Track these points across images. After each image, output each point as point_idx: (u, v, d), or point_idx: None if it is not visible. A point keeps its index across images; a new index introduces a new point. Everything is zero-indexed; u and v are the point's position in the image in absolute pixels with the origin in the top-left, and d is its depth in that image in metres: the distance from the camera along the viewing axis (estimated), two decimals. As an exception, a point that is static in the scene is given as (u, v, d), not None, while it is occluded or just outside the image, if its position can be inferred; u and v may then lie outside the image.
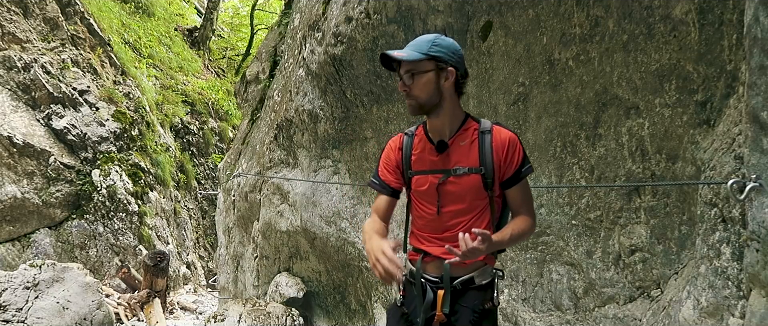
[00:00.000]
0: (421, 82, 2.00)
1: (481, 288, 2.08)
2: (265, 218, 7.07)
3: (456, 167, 2.05)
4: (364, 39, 4.39)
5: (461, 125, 2.09)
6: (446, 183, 2.07)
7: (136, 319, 9.19)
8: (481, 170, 2.02)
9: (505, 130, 2.07)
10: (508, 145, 2.03)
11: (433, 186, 2.09)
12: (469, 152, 2.04)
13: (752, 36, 1.77)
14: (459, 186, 2.06)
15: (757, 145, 1.77)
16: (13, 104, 10.81)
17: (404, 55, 2.00)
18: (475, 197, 2.06)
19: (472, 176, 2.03)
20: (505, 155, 2.03)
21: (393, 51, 2.03)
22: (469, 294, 2.08)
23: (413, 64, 2.01)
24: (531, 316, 3.30)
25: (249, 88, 9.23)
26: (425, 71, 2.00)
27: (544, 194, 3.27)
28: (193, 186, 15.39)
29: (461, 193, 2.06)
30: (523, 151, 2.08)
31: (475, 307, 2.05)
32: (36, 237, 10.65)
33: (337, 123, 5.40)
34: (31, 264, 7.32)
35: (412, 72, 2.01)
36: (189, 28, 21.31)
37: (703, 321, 2.12)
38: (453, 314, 2.06)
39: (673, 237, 2.56)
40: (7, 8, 11.00)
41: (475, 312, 2.04)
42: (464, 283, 2.08)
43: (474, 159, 2.03)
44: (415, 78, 2.01)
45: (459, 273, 2.08)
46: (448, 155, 2.07)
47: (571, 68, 2.95)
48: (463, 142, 2.06)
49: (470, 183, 2.04)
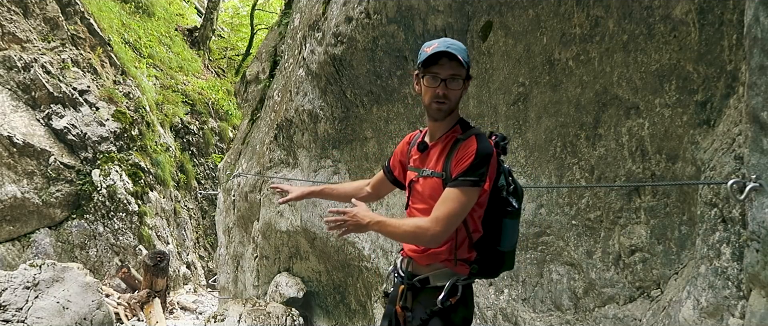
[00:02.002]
0: (457, 87, 2.04)
1: (436, 289, 2.11)
2: (265, 218, 7.07)
3: (424, 169, 2.13)
4: (364, 39, 4.39)
5: (449, 130, 2.13)
6: (417, 182, 2.17)
7: (136, 319, 9.19)
8: (442, 175, 2.05)
9: (475, 141, 2.01)
10: (466, 152, 1.99)
11: (408, 182, 2.23)
12: (440, 156, 2.09)
13: (752, 36, 1.77)
14: (424, 187, 2.13)
15: (757, 145, 1.77)
16: (13, 104, 10.82)
17: (462, 58, 1.98)
18: (436, 200, 2.05)
19: (435, 179, 2.08)
20: (456, 158, 2.01)
21: (454, 47, 1.99)
22: (426, 292, 2.15)
23: (460, 69, 2.01)
24: (531, 316, 3.30)
25: (249, 88, 9.23)
26: (463, 78, 2.04)
27: (544, 194, 3.27)
28: (193, 186, 15.39)
29: (424, 194, 2.13)
30: (473, 162, 1.96)
31: (427, 306, 2.11)
32: (36, 237, 10.65)
33: (337, 123, 5.40)
34: (31, 264, 7.32)
35: (455, 76, 2.01)
36: (189, 28, 21.31)
37: (703, 321, 2.12)
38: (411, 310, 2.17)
39: (673, 237, 2.56)
40: (7, 8, 11.01)
41: (426, 311, 2.11)
42: (421, 282, 2.16)
43: (440, 164, 2.08)
44: (454, 82, 2.02)
45: (419, 272, 2.17)
46: (427, 156, 2.16)
47: (571, 68, 2.95)
48: (440, 146, 2.12)
49: (433, 186, 2.09)
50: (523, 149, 3.38)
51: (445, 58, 1.98)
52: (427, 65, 2.01)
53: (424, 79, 2.05)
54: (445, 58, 1.98)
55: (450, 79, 2.00)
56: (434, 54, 1.98)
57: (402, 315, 2.18)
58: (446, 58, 1.98)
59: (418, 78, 2.11)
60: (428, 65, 2.01)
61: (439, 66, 1.99)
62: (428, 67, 2.01)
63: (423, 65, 2.02)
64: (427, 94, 2.05)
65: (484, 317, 3.65)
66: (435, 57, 1.98)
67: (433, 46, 2.01)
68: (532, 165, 3.32)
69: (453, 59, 1.97)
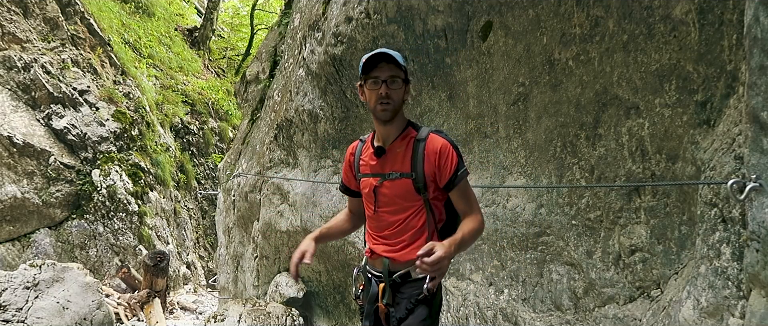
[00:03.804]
0: (398, 88, 2.16)
1: (418, 281, 2.23)
2: (265, 218, 7.07)
3: (390, 172, 2.22)
4: (364, 39, 4.39)
5: (401, 132, 2.23)
6: (382, 186, 2.25)
7: (136, 319, 9.19)
8: (412, 175, 2.18)
9: (440, 137, 2.20)
10: (439, 152, 2.17)
11: (372, 188, 2.28)
12: (404, 158, 2.20)
13: (752, 36, 1.77)
14: (392, 189, 2.23)
15: (757, 145, 1.77)
16: (13, 104, 10.82)
17: (398, 60, 2.12)
18: (407, 199, 2.22)
19: (404, 180, 2.20)
20: (436, 162, 2.17)
21: (390, 51, 2.13)
22: (407, 286, 2.26)
23: (398, 70, 2.14)
24: (531, 316, 3.30)
25: (249, 88, 9.23)
26: (402, 79, 2.16)
27: (544, 194, 3.27)
28: (193, 186, 15.40)
29: (393, 196, 2.23)
30: (456, 156, 2.18)
31: (411, 297, 2.23)
32: (36, 237, 10.65)
33: (337, 123, 5.40)
34: (31, 264, 7.32)
35: (395, 77, 2.13)
36: (189, 28, 21.32)
37: (703, 321, 2.12)
38: (394, 305, 2.27)
39: (673, 237, 2.56)
40: (7, 8, 11.01)
41: (411, 301, 2.23)
42: (402, 277, 2.26)
43: (407, 165, 2.19)
44: (394, 84, 2.14)
45: (397, 268, 2.27)
46: (386, 160, 2.24)
47: (571, 68, 2.95)
48: (399, 149, 2.22)
49: (402, 187, 2.21)
50: (523, 149, 3.38)
51: (382, 62, 2.12)
52: (366, 72, 2.15)
53: (366, 85, 2.17)
54: (383, 62, 2.12)
55: (390, 80, 2.12)
56: (370, 58, 2.12)
57: (384, 311, 2.29)
58: (384, 62, 2.12)
59: (361, 88, 2.22)
60: (368, 71, 2.14)
61: (378, 69, 2.13)
62: (368, 73, 2.14)
63: (363, 72, 2.16)
64: (371, 99, 2.16)
65: (484, 317, 3.65)
66: (372, 61, 2.13)
67: (369, 55, 2.16)
68: (532, 165, 3.32)
69: (390, 62, 2.13)
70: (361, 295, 2.45)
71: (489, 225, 3.68)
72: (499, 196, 3.63)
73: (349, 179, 2.47)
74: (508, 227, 3.50)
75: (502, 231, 3.55)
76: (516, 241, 3.45)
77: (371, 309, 2.33)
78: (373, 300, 2.33)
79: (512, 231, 3.47)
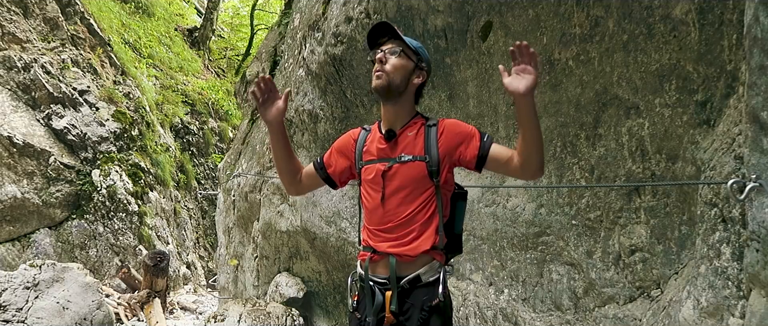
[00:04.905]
0: (398, 63, 2.10)
1: (428, 285, 2.06)
2: (265, 218, 7.07)
3: (401, 155, 2.11)
4: (364, 39, 4.38)
5: (411, 120, 2.17)
6: (391, 170, 2.11)
7: (136, 319, 9.18)
8: (425, 158, 2.07)
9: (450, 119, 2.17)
10: (456, 125, 2.12)
11: (379, 173, 2.12)
12: (415, 142, 2.11)
13: (752, 36, 1.77)
14: (403, 173, 2.09)
15: (757, 145, 1.77)
16: (13, 104, 10.81)
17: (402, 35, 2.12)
18: (419, 184, 2.07)
19: (417, 163, 2.08)
20: (454, 136, 2.09)
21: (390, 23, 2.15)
22: (417, 291, 2.06)
23: (403, 46, 2.12)
24: (531, 316, 3.30)
25: (249, 88, 9.22)
26: (407, 58, 2.12)
27: (544, 194, 3.27)
28: (193, 186, 15.39)
29: (405, 180, 2.09)
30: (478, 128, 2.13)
31: (423, 305, 2.03)
32: (36, 237, 10.64)
33: (337, 123, 5.40)
34: (31, 264, 7.31)
35: (397, 52, 2.10)
36: (189, 28, 21.30)
37: (703, 321, 2.12)
38: (403, 313, 2.06)
39: (673, 237, 2.56)
40: (7, 8, 11.00)
41: (424, 310, 2.03)
42: (411, 282, 2.06)
43: (420, 148, 2.09)
44: (395, 58, 2.10)
45: (405, 272, 2.07)
46: (396, 144, 2.14)
47: (571, 68, 2.95)
48: (410, 133, 2.14)
49: (415, 170, 2.08)
50: (523, 149, 3.38)
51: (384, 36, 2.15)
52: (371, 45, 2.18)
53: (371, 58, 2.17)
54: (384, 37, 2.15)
55: (389, 50, 2.10)
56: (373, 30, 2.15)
57: (390, 320, 2.06)
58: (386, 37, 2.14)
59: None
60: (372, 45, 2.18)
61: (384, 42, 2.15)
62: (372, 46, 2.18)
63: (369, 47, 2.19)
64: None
65: (484, 317, 3.65)
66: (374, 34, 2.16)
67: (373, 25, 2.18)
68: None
69: (388, 31, 2.12)
70: (358, 308, 2.16)
71: (489, 225, 3.68)
72: (499, 196, 3.63)
73: (332, 162, 2.30)
74: (508, 227, 3.50)
75: (502, 231, 3.55)
76: (516, 241, 3.45)
77: (375, 320, 2.07)
78: (378, 310, 2.06)
79: (512, 231, 3.47)
